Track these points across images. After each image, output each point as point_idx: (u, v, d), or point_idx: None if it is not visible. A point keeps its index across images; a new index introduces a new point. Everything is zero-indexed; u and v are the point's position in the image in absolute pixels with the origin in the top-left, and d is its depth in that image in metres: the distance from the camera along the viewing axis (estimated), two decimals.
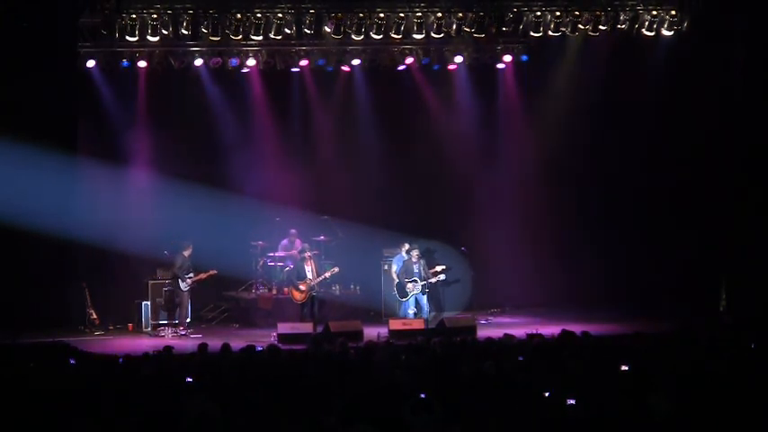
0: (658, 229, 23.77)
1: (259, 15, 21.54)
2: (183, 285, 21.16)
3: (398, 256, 21.73)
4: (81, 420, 10.13)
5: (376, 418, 9.81)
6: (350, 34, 22.08)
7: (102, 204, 21.73)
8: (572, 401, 10.53)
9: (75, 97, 21.44)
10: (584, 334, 15.27)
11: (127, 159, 22.47)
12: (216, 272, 21.31)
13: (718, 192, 23.11)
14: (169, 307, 21.39)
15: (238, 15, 21.38)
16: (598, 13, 22.55)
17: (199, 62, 22.22)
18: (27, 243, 20.35)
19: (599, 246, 23.52)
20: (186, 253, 21.15)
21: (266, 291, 22.64)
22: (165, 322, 21.37)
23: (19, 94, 20.51)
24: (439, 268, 21.57)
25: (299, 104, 23.73)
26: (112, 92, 22.36)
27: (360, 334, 19.36)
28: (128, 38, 21.23)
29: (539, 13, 22.44)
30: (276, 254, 22.65)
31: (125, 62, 21.95)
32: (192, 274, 21.13)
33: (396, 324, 20.22)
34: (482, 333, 19.01)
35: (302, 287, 20.96)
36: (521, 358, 13.63)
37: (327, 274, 21.18)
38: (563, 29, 22.64)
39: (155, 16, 21.15)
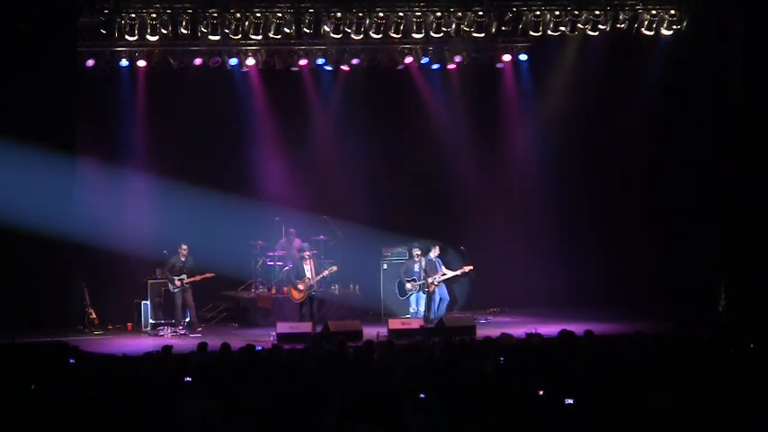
0: (658, 229, 23.75)
1: (258, 15, 21.52)
2: (170, 286, 21.22)
3: (428, 256, 21.76)
4: (80, 420, 10.13)
5: (375, 417, 9.82)
6: (349, 34, 22.06)
7: (102, 204, 21.69)
8: (570, 401, 10.53)
9: (74, 97, 21.41)
10: (587, 333, 15.26)
11: (126, 159, 22.43)
12: (212, 275, 21.29)
13: (718, 191, 23.10)
14: (167, 307, 21.40)
15: (238, 15, 21.36)
16: (597, 12, 22.55)
17: (198, 62, 22.21)
18: (26, 243, 20.32)
19: (599, 245, 23.51)
20: (181, 253, 21.16)
21: (265, 290, 22.64)
22: (163, 322, 21.36)
23: (18, 94, 20.51)
24: (467, 269, 21.62)
25: (299, 104, 23.70)
26: (111, 91, 22.34)
27: (359, 333, 19.37)
28: (127, 37, 21.21)
29: (538, 13, 22.43)
30: (275, 253, 22.65)
31: (124, 62, 21.93)
32: (184, 276, 21.13)
33: (395, 324, 20.24)
34: (481, 333, 19.00)
35: (301, 286, 20.97)
36: (519, 358, 13.64)
37: (326, 273, 21.21)
38: (562, 28, 22.63)
39: (154, 16, 21.13)
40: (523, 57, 23.46)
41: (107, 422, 10.10)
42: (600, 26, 22.63)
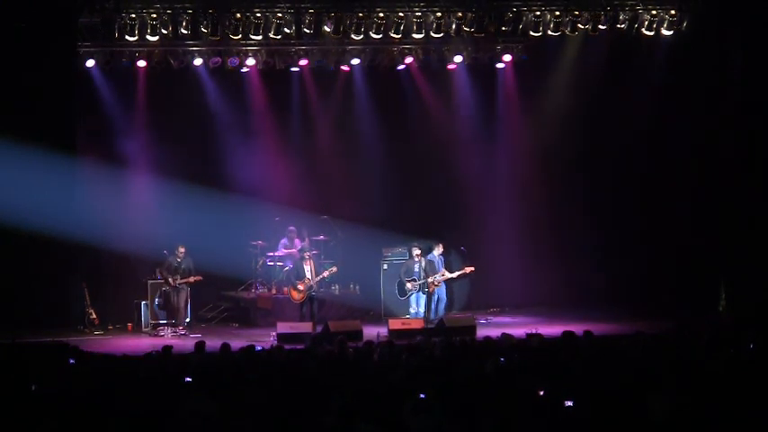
0: (658, 229, 23.76)
1: (258, 15, 21.50)
2: (166, 287, 21.26)
3: (430, 255, 21.77)
4: (80, 420, 10.12)
5: (375, 417, 9.82)
6: (349, 34, 22.05)
7: (102, 204, 21.68)
8: (570, 403, 10.54)
9: (75, 97, 21.41)
10: (586, 334, 15.25)
11: (126, 159, 22.43)
12: (200, 278, 21.23)
13: (718, 191, 23.10)
14: (167, 307, 21.39)
15: (238, 15, 21.34)
16: (597, 12, 22.53)
17: (198, 62, 22.21)
18: (27, 243, 20.33)
19: (599, 245, 23.52)
20: (177, 254, 21.14)
21: (265, 290, 22.64)
22: (164, 322, 21.37)
23: (18, 94, 20.51)
24: (468, 270, 21.61)
25: (299, 104, 23.71)
26: (112, 91, 22.34)
27: (359, 333, 19.37)
28: (127, 37, 21.18)
29: (538, 13, 22.40)
30: (276, 253, 22.65)
31: (124, 62, 21.93)
32: (177, 276, 21.11)
33: (395, 324, 20.24)
34: (482, 333, 19.00)
35: (301, 287, 20.97)
36: (520, 359, 13.64)
37: (326, 274, 21.21)
38: (562, 28, 22.59)
39: (154, 16, 21.11)
40: (523, 57, 23.45)
41: (107, 422, 10.10)
42: (600, 26, 22.59)
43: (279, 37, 21.79)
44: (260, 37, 21.71)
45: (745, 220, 22.45)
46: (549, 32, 22.57)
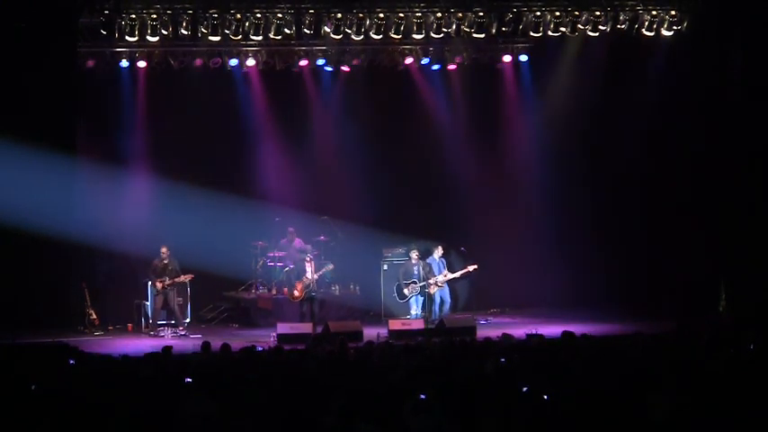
0: (658, 229, 23.76)
1: (258, 15, 21.53)
2: (151, 288, 21.24)
3: (429, 258, 21.75)
4: (80, 420, 10.12)
5: (375, 417, 9.82)
6: (350, 34, 22.07)
7: (102, 204, 21.69)
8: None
9: (75, 97, 21.41)
10: (583, 336, 15.24)
11: (126, 159, 22.44)
12: (192, 276, 21.20)
13: (718, 192, 23.10)
14: (167, 307, 21.37)
15: (238, 15, 21.36)
16: (598, 13, 22.54)
17: (198, 62, 22.22)
18: (27, 243, 20.32)
19: (599, 246, 23.51)
20: (162, 256, 21.06)
21: (266, 291, 22.64)
22: (164, 322, 21.36)
23: (18, 95, 20.50)
24: (471, 268, 21.58)
25: (299, 105, 23.71)
26: (112, 92, 22.34)
27: (359, 334, 19.37)
28: (127, 38, 21.22)
29: (538, 14, 22.43)
30: (275, 253, 22.64)
31: (124, 62, 21.94)
32: (165, 278, 21.06)
33: (395, 324, 20.23)
34: (482, 333, 19.00)
35: (299, 285, 20.98)
36: (520, 359, 13.64)
37: (322, 271, 21.20)
38: (563, 29, 22.63)
39: (154, 16, 21.13)
40: (524, 57, 23.48)
41: (107, 423, 10.09)
42: (600, 27, 22.63)
43: (279, 37, 21.81)
44: (260, 37, 21.74)
45: (745, 220, 22.45)
46: (550, 33, 22.60)
